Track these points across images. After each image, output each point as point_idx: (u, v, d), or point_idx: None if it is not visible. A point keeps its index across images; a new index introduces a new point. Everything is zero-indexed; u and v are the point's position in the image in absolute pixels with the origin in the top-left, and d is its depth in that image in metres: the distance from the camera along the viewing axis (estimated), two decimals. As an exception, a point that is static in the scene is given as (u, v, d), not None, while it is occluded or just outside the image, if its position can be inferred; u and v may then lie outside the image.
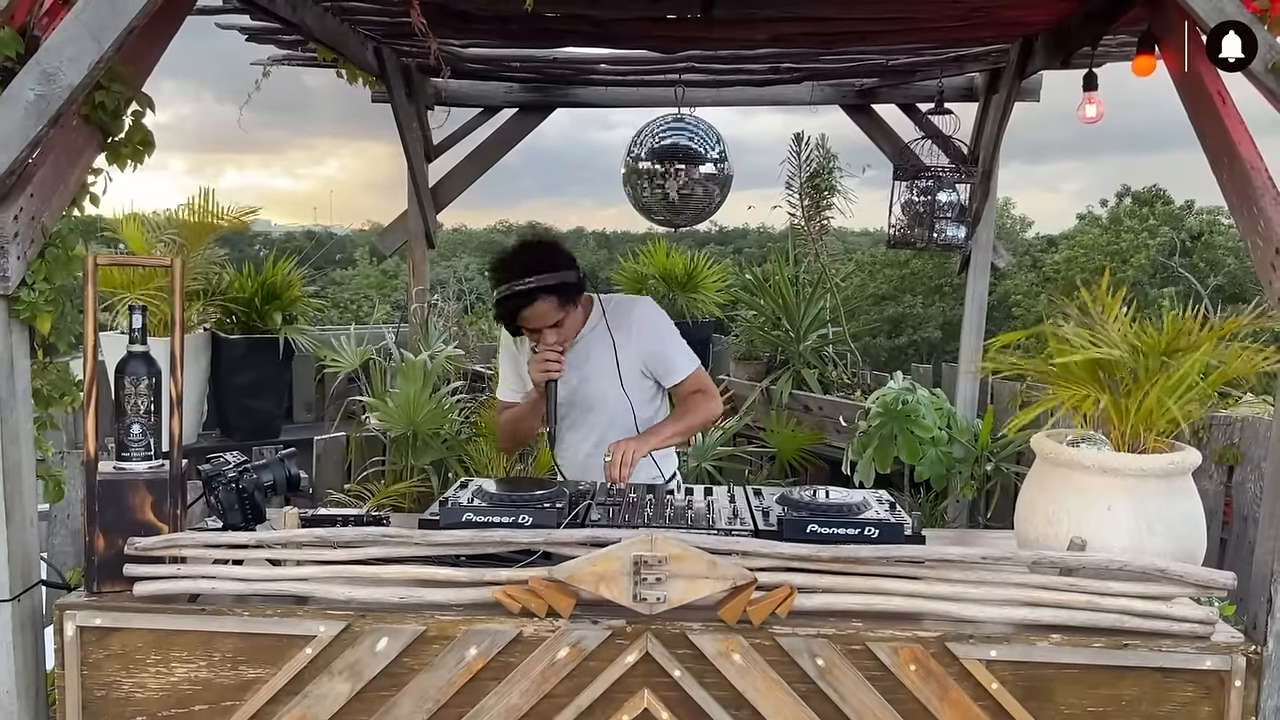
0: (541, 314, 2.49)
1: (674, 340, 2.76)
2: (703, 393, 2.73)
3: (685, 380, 2.73)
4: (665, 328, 2.75)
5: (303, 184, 73.23)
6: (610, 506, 2.24)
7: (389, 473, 3.91)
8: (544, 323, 2.51)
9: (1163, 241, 20.49)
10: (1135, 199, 23.07)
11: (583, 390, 2.70)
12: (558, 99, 4.68)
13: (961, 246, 4.08)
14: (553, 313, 2.50)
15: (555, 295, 2.48)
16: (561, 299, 2.50)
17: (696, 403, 2.71)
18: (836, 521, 2.09)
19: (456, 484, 2.44)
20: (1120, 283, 2.06)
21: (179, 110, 66.90)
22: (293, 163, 76.11)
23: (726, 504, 2.29)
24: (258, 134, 76.65)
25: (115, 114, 1.95)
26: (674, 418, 2.70)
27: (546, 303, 2.48)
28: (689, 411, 2.70)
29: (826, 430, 5.04)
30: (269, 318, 4.78)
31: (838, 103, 4.70)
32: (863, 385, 5.40)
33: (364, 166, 46.57)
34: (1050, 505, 1.96)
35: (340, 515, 2.36)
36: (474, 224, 31.69)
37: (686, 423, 2.69)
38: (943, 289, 21.06)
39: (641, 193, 4.03)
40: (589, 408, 2.73)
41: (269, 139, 78.68)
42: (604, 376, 2.67)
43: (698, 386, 2.74)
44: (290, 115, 69.74)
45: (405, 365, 3.97)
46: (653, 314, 2.76)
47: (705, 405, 2.72)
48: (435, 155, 4.75)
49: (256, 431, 4.89)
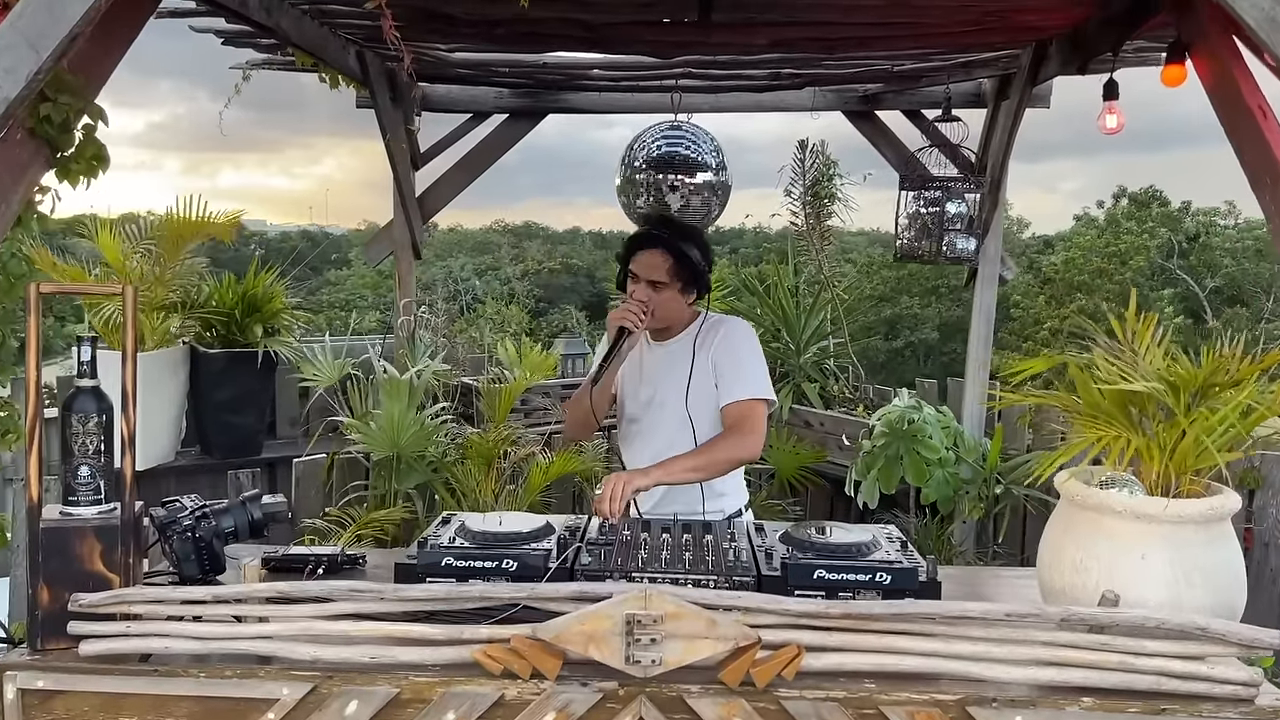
0: (651, 264, 2.57)
1: (749, 361, 2.61)
2: (740, 428, 2.53)
3: (734, 404, 2.56)
4: (745, 347, 2.64)
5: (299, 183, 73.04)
6: (602, 548, 2.10)
7: (372, 497, 3.76)
8: (648, 274, 2.57)
9: (1160, 243, 20.48)
10: (1132, 200, 23.08)
11: (653, 401, 2.69)
12: (549, 105, 4.54)
13: (971, 259, 3.95)
14: (660, 270, 2.56)
15: (672, 258, 2.56)
16: (675, 265, 2.56)
17: (728, 436, 2.54)
18: (845, 566, 1.96)
19: (438, 519, 2.30)
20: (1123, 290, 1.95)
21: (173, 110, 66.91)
22: (289, 162, 75.93)
23: (727, 543, 2.16)
24: (254, 133, 76.62)
25: (64, 127, 1.81)
26: (696, 450, 2.52)
27: (660, 257, 2.56)
28: (715, 445, 2.52)
29: (828, 447, 4.90)
30: (250, 330, 4.64)
31: (840, 109, 4.57)
32: (865, 400, 5.27)
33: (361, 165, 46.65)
34: (1078, 552, 1.82)
35: (312, 555, 2.23)
36: (470, 224, 31.64)
37: (708, 457, 2.50)
38: (939, 290, 21.04)
39: (636, 203, 3.89)
40: (654, 420, 2.69)
41: (265, 138, 78.60)
42: (674, 389, 2.62)
43: (740, 416, 2.54)
44: (286, 114, 69.72)
45: (389, 383, 3.83)
46: (739, 331, 2.68)
47: (736, 441, 2.52)
48: (423, 162, 4.62)
49: (237, 449, 4.74)
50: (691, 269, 2.59)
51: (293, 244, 24.93)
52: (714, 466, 2.51)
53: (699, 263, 2.60)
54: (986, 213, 4.09)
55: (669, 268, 2.56)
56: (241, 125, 71.54)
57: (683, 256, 2.57)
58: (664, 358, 2.69)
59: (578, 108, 4.54)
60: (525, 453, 4.08)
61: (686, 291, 2.63)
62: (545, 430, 4.44)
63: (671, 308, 2.63)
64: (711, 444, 2.53)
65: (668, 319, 2.65)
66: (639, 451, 2.75)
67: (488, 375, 4.52)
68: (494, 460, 3.88)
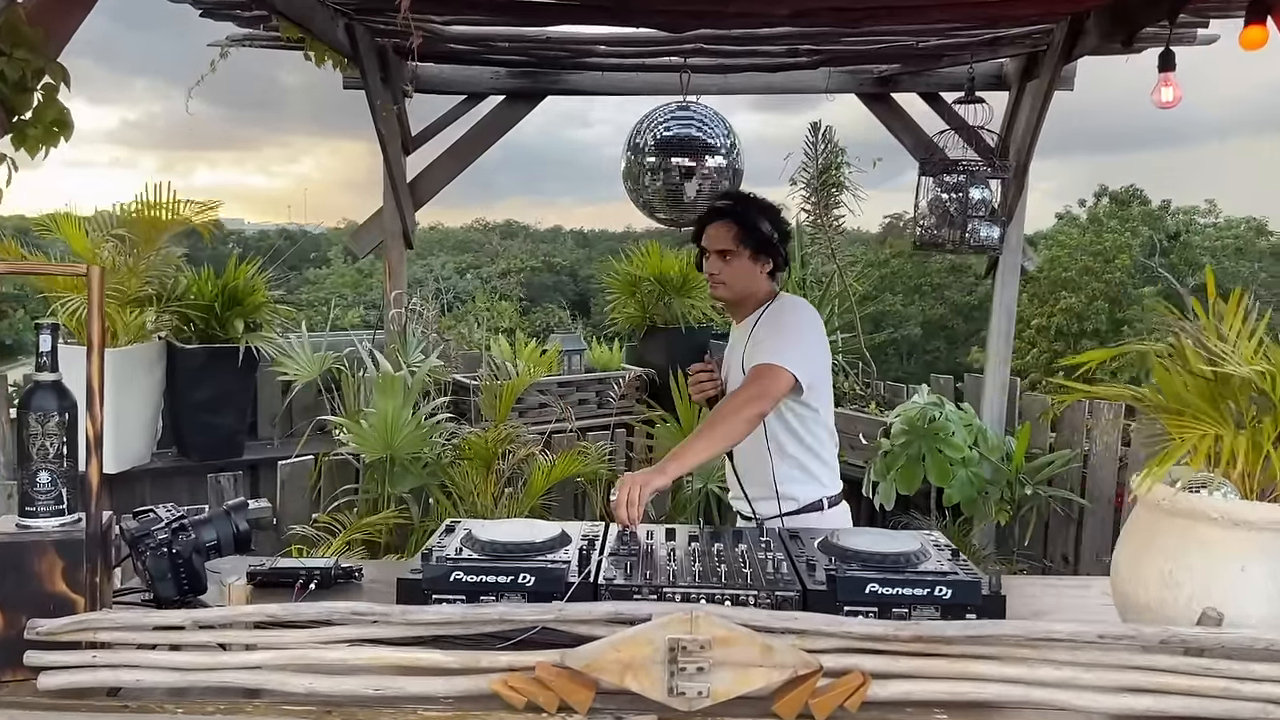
0: (717, 235, 2.59)
1: (784, 332, 2.50)
2: (744, 386, 2.41)
3: (757, 365, 2.43)
4: (787, 318, 2.55)
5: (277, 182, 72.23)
6: (625, 559, 1.91)
7: (363, 501, 3.56)
8: (715, 244, 2.59)
9: (1142, 241, 20.66)
10: (1113, 199, 23.26)
11: (730, 377, 2.65)
12: (548, 86, 4.34)
13: (996, 248, 3.78)
14: (727, 239, 2.57)
15: (740, 229, 2.57)
16: (742, 232, 2.56)
17: (730, 397, 2.44)
18: (899, 579, 1.78)
19: (442, 528, 2.11)
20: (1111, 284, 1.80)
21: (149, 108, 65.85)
22: (267, 160, 75.08)
23: (762, 552, 1.98)
24: (231, 131, 75.91)
25: (20, 86, 1.60)
26: (705, 423, 2.38)
27: (726, 227, 2.57)
28: (719, 410, 2.40)
29: (841, 446, 4.72)
30: (230, 325, 4.43)
31: (854, 91, 4.40)
32: (877, 397, 5.09)
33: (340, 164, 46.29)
34: (1167, 564, 1.64)
35: (303, 569, 2.04)
36: (451, 222, 31.47)
37: (718, 426, 2.34)
38: (922, 288, 21.08)
39: (644, 188, 3.70)
40: None
41: (242, 137, 77.68)
42: (738, 359, 2.58)
43: (754, 375, 2.41)
44: (264, 112, 69.12)
45: (383, 380, 3.62)
46: (789, 304, 2.62)
47: (739, 398, 2.38)
48: (414, 147, 4.41)
49: (217, 450, 4.54)
50: (759, 236, 2.57)
51: (271, 242, 24.75)
52: (728, 429, 2.34)
53: (768, 231, 2.59)
54: (1011, 200, 3.92)
55: (735, 235, 2.57)
56: (218, 123, 70.96)
57: (749, 224, 2.57)
58: (737, 340, 2.66)
59: (578, 89, 4.34)
60: (525, 453, 3.89)
61: (759, 260, 2.60)
62: (545, 429, 4.25)
63: (744, 277, 2.60)
64: (715, 411, 2.43)
65: (741, 290, 2.62)
66: None
67: (485, 372, 4.31)
68: (493, 462, 3.68)
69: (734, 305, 2.69)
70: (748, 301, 2.64)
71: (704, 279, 2.70)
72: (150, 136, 64.49)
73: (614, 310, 5.86)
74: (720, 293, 2.63)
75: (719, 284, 2.62)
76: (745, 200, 2.67)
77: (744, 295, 2.63)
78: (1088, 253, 20.24)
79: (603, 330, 6.39)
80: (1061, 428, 4.42)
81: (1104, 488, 4.28)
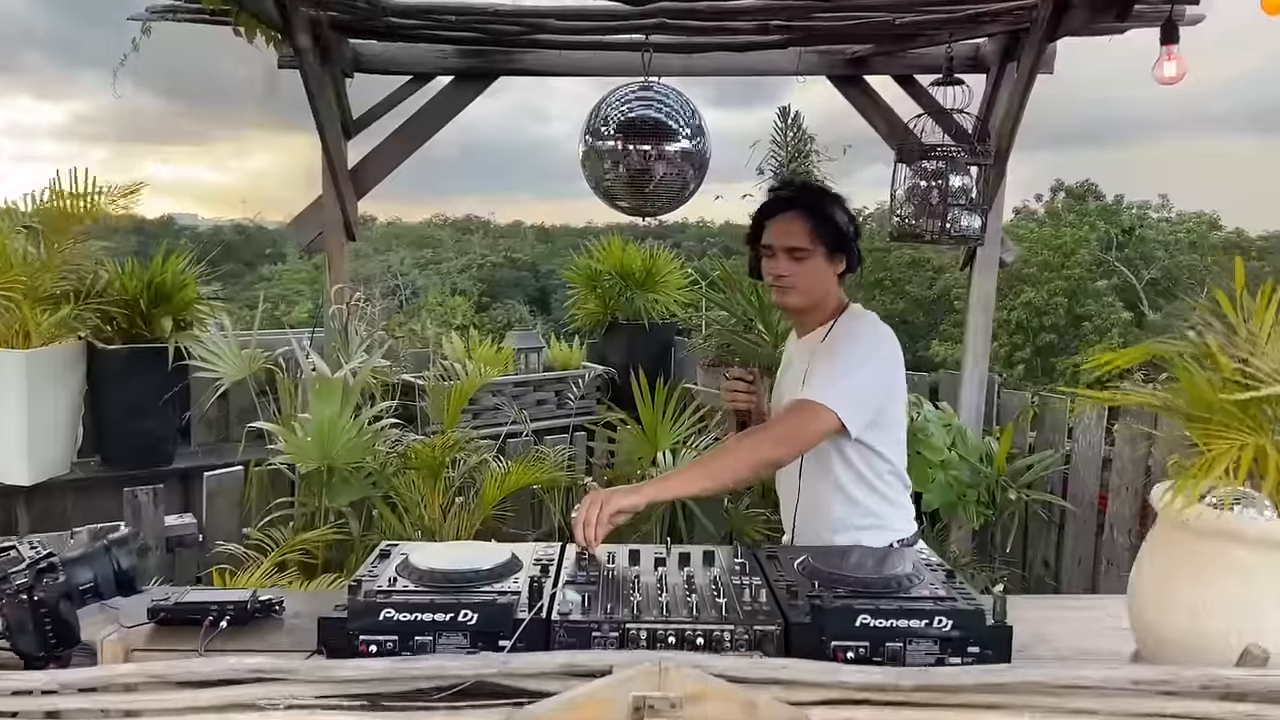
0: (788, 230, 2.24)
1: (839, 361, 2.17)
2: (775, 424, 2.15)
3: (798, 401, 2.12)
4: (847, 343, 2.21)
5: (230, 177, 70.72)
6: (583, 589, 1.70)
7: (299, 515, 3.30)
8: (785, 240, 2.24)
9: (1099, 236, 20.97)
10: (1069, 194, 23.59)
11: (781, 399, 2.37)
12: (501, 66, 4.10)
13: (978, 239, 3.61)
14: (800, 234, 2.23)
15: (813, 221, 2.24)
16: (817, 228, 2.23)
17: (755, 432, 2.15)
18: (892, 610, 1.59)
19: (375, 553, 1.89)
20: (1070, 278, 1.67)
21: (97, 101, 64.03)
22: (220, 155, 73.49)
23: (735, 576, 1.78)
24: (181, 125, 74.30)
25: None
26: (715, 452, 2.14)
27: (799, 222, 2.23)
28: (735, 444, 2.11)
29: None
30: (157, 323, 4.15)
31: (826, 73, 4.21)
32: (849, 396, 4.91)
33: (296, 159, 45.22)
34: (1197, 592, 1.47)
35: (214, 604, 1.80)
36: (409, 218, 31.21)
37: (713, 462, 2.10)
38: (883, 283, 21.15)
39: (604, 176, 3.48)
40: None
41: (193, 131, 75.87)
42: (795, 382, 2.26)
43: (791, 413, 2.11)
44: (216, 106, 67.59)
45: (320, 383, 3.37)
46: (854, 325, 2.28)
47: (763, 436, 2.11)
48: (355, 131, 4.15)
49: (144, 459, 4.28)
50: (836, 231, 2.24)
51: (225, 238, 24.30)
52: (732, 471, 2.07)
53: (844, 224, 2.26)
54: (991, 187, 3.76)
55: (809, 230, 2.22)
56: (169, 117, 69.54)
57: (823, 216, 2.23)
58: (797, 358, 2.35)
59: (533, 69, 4.10)
60: (477, 460, 3.65)
61: (834, 259, 2.27)
62: (499, 434, 4.01)
63: (819, 279, 2.27)
64: (731, 443, 2.14)
65: (817, 295, 2.29)
66: (785, 483, 2.40)
67: (433, 372, 4.07)
68: (442, 470, 3.44)
69: (803, 314, 2.34)
70: (819, 310, 2.31)
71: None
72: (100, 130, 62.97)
73: (574, 306, 5.65)
74: (792, 300, 2.28)
75: (790, 289, 2.26)
76: (814, 189, 2.37)
77: (817, 302, 2.29)
78: (1049, 247, 20.46)
79: (563, 327, 6.18)
80: (1042, 427, 4.28)
81: (1087, 489, 4.14)
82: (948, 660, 1.59)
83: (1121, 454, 4.03)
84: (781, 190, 2.36)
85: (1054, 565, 4.29)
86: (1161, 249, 21.68)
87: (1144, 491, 3.98)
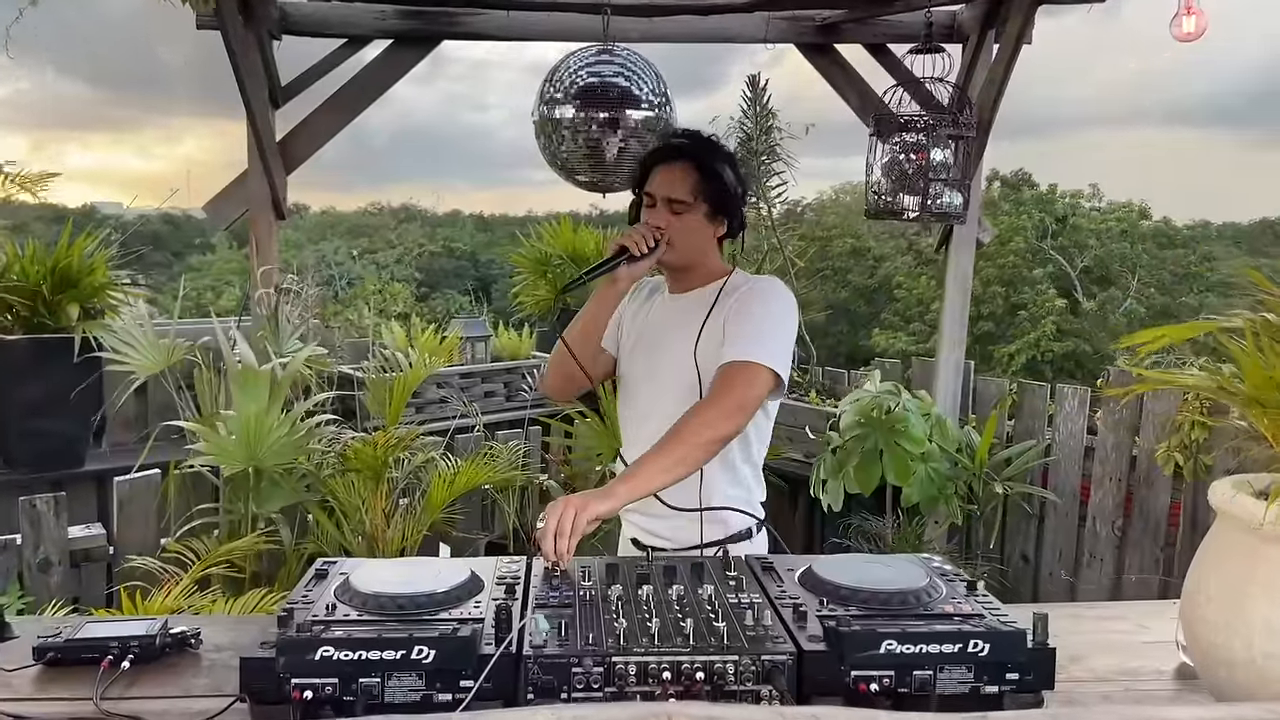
0: (670, 180, 2.12)
1: (762, 320, 2.06)
2: (717, 394, 1.97)
3: (726, 365, 2.00)
4: (764, 303, 2.09)
5: (157, 164, 68.26)
6: (558, 613, 1.48)
7: (225, 523, 3.01)
8: (666, 191, 2.11)
9: (1034, 224, 21.46)
10: (1004, 183, 24.01)
11: (658, 369, 2.18)
12: (444, 29, 3.83)
13: (960, 216, 3.44)
14: (684, 188, 2.10)
15: (700, 174, 2.11)
16: (701, 181, 2.11)
17: (700, 409, 1.96)
18: (922, 634, 1.39)
19: (310, 573, 1.64)
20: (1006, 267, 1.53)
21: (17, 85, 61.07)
22: (147, 142, 70.99)
23: (731, 593, 1.57)
24: (105, 112, 71.88)
25: None
26: (665, 439, 1.91)
27: (682, 171, 2.11)
28: (685, 424, 1.92)
29: (780, 441, 4.36)
30: (62, 311, 3.82)
31: (794, 41, 4.02)
32: (817, 385, 4.75)
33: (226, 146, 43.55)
34: (1276, 610, 1.28)
35: (114, 640, 1.54)
36: (344, 206, 30.64)
37: (682, 444, 1.90)
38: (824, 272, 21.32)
39: (559, 147, 3.23)
40: (654, 393, 2.18)
41: (118, 117, 73.32)
42: (682, 339, 2.12)
43: (725, 380, 1.98)
44: (143, 92, 65.50)
45: (245, 374, 3.08)
46: (764, 287, 2.15)
47: (710, 412, 1.95)
48: (284, 100, 3.85)
49: (52, 460, 3.99)
50: (721, 188, 2.12)
51: (153, 228, 23.63)
52: (694, 453, 1.91)
53: (731, 185, 2.13)
54: (972, 162, 3.59)
55: (693, 184, 2.10)
56: (93, 105, 67.37)
57: (711, 173, 2.11)
58: (677, 314, 2.18)
59: (480, 32, 3.84)
60: (423, 459, 3.39)
61: (715, 219, 2.15)
62: (447, 429, 3.75)
63: (696, 237, 2.14)
64: (680, 425, 1.93)
65: (690, 253, 2.15)
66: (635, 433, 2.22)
67: (373, 363, 3.79)
68: (384, 471, 3.17)
69: (675, 273, 2.22)
70: (694, 272, 2.19)
71: None
72: (18, 114, 60.18)
73: (522, 293, 5.40)
74: (665, 255, 2.14)
75: (656, 238, 2.12)
76: (706, 141, 2.19)
77: (692, 262, 2.17)
78: (987, 235, 20.82)
79: (509, 316, 5.94)
80: (1021, 415, 4.14)
81: (1068, 480, 4.02)
82: (983, 689, 1.41)
83: (1105, 443, 3.91)
84: (674, 139, 2.22)
85: (1034, 559, 4.17)
86: (1094, 237, 22.23)
87: (1128, 481, 3.87)
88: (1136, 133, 55.44)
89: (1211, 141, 59.06)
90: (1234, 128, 61.25)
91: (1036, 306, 20.08)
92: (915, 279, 20.69)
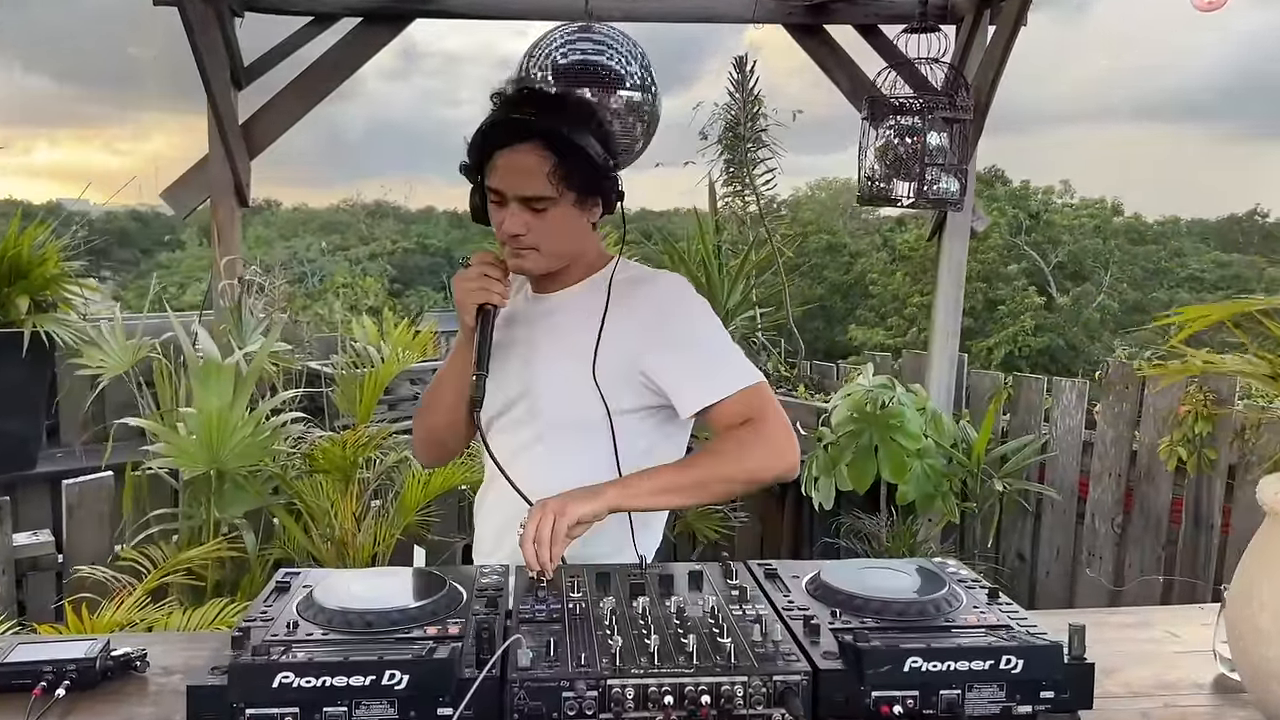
0: (521, 169, 1.64)
1: (714, 335, 1.75)
2: (753, 424, 1.66)
3: (722, 403, 1.68)
4: (697, 316, 1.75)
5: (126, 161, 67.36)
6: (544, 629, 1.35)
7: (184, 529, 2.86)
8: (518, 187, 1.64)
9: (1009, 220, 21.71)
10: (979, 179, 24.23)
11: (535, 386, 1.77)
12: (415, 6, 3.69)
13: (957, 203, 3.34)
14: (540, 180, 1.63)
15: (556, 156, 1.63)
16: (563, 166, 1.63)
17: (738, 441, 1.65)
18: (948, 649, 1.27)
19: (270, 585, 1.50)
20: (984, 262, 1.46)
21: (-25, 84, 60.03)
22: (114, 139, 70.13)
23: (735, 605, 1.45)
24: (74, 108, 71.10)
25: None
26: (688, 459, 1.69)
27: (540, 158, 1.62)
28: (714, 454, 1.66)
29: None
30: (11, 304, 3.63)
31: (782, 21, 3.91)
32: (805, 379, 4.64)
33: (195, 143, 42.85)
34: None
35: (49, 664, 1.40)
36: (316, 202, 30.45)
37: (699, 472, 1.65)
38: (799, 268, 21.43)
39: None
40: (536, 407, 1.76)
41: (87, 113, 72.60)
42: (566, 355, 1.74)
43: (746, 414, 1.67)
44: (111, 89, 64.84)
45: (206, 369, 2.93)
46: (676, 294, 1.76)
47: (749, 447, 1.64)
48: (248, 81, 3.69)
49: (1, 462, 3.77)
50: (589, 165, 1.65)
51: (120, 224, 23.37)
52: (718, 484, 1.67)
53: (598, 156, 1.66)
54: (969, 147, 3.49)
55: (551, 171, 1.63)
56: (61, 101, 66.50)
57: (571, 149, 1.63)
58: (554, 319, 1.79)
59: (453, 10, 3.70)
60: (396, 459, 3.25)
61: (585, 204, 1.71)
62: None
63: (567, 233, 1.71)
64: (708, 455, 1.67)
65: (562, 253, 1.74)
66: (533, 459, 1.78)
67: (343, 359, 3.64)
68: (354, 472, 3.03)
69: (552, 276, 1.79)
70: (575, 267, 1.79)
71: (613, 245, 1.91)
72: (-24, 113, 59.16)
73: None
74: (532, 265, 1.71)
75: (528, 251, 1.69)
76: (556, 103, 1.71)
77: (565, 259, 1.76)
78: (962, 230, 21.07)
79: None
80: (1017, 409, 4.05)
81: (1066, 476, 3.93)
82: (1016, 709, 1.29)
83: (1104, 437, 3.83)
84: (514, 112, 1.67)
85: (1030, 557, 4.08)
86: (1067, 233, 22.51)
87: (1127, 476, 3.79)
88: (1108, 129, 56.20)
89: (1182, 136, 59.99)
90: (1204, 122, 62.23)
91: (1015, 302, 20.25)
92: (890, 275, 20.89)
